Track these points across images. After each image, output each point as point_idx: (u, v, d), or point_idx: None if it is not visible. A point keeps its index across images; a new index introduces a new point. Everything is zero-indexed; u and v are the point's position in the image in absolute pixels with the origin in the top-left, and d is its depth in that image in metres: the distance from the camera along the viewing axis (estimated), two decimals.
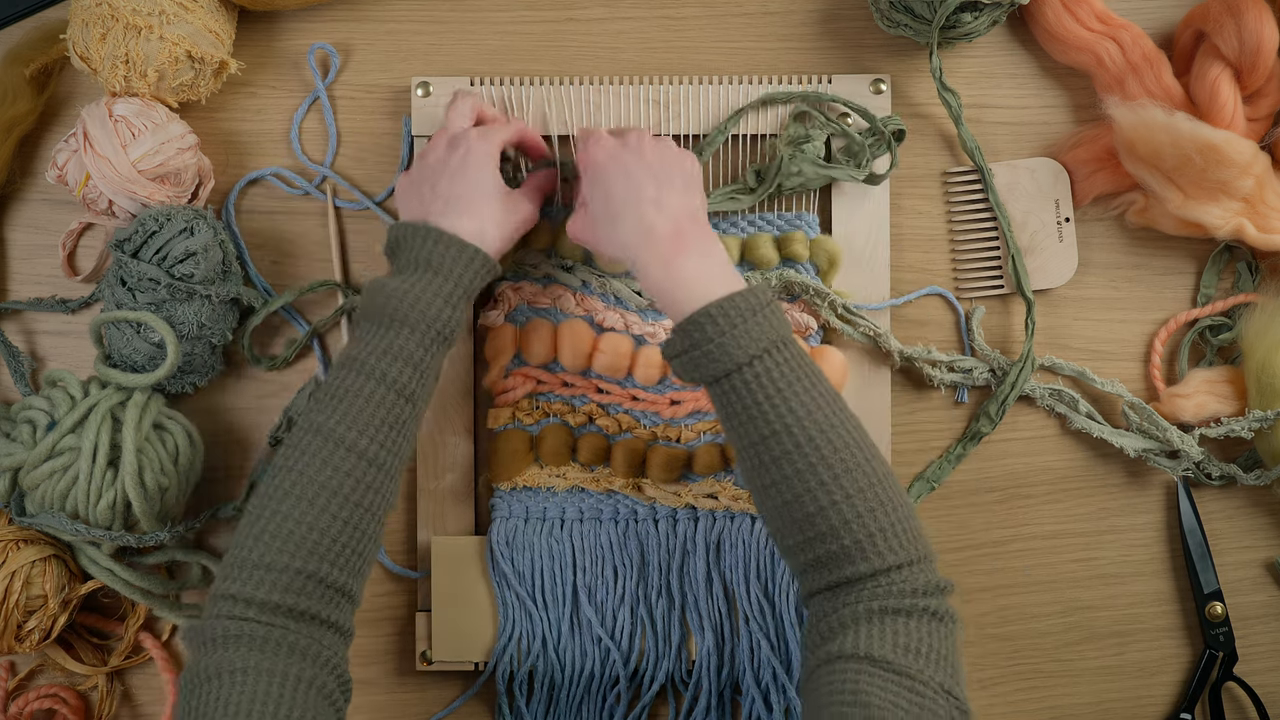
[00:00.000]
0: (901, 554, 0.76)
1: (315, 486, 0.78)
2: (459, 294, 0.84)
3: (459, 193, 0.86)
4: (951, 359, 0.99)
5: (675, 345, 0.81)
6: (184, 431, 0.94)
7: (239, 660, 0.73)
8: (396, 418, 0.81)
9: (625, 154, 0.86)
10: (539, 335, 0.97)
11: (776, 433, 0.78)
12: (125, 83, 0.92)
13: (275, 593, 0.76)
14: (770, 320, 0.80)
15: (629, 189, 0.84)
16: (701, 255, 0.83)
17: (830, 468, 0.77)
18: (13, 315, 1.00)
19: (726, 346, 0.78)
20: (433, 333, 0.82)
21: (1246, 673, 1.00)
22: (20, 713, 0.97)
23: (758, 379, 0.78)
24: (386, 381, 0.81)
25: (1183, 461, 0.99)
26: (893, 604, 0.74)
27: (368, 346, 0.81)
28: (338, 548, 0.78)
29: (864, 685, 0.71)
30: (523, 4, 1.00)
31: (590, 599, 0.97)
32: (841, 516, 0.76)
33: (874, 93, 0.98)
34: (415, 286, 0.82)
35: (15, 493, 0.92)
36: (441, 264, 0.83)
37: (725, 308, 0.79)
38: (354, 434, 0.79)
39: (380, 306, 0.82)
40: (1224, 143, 0.92)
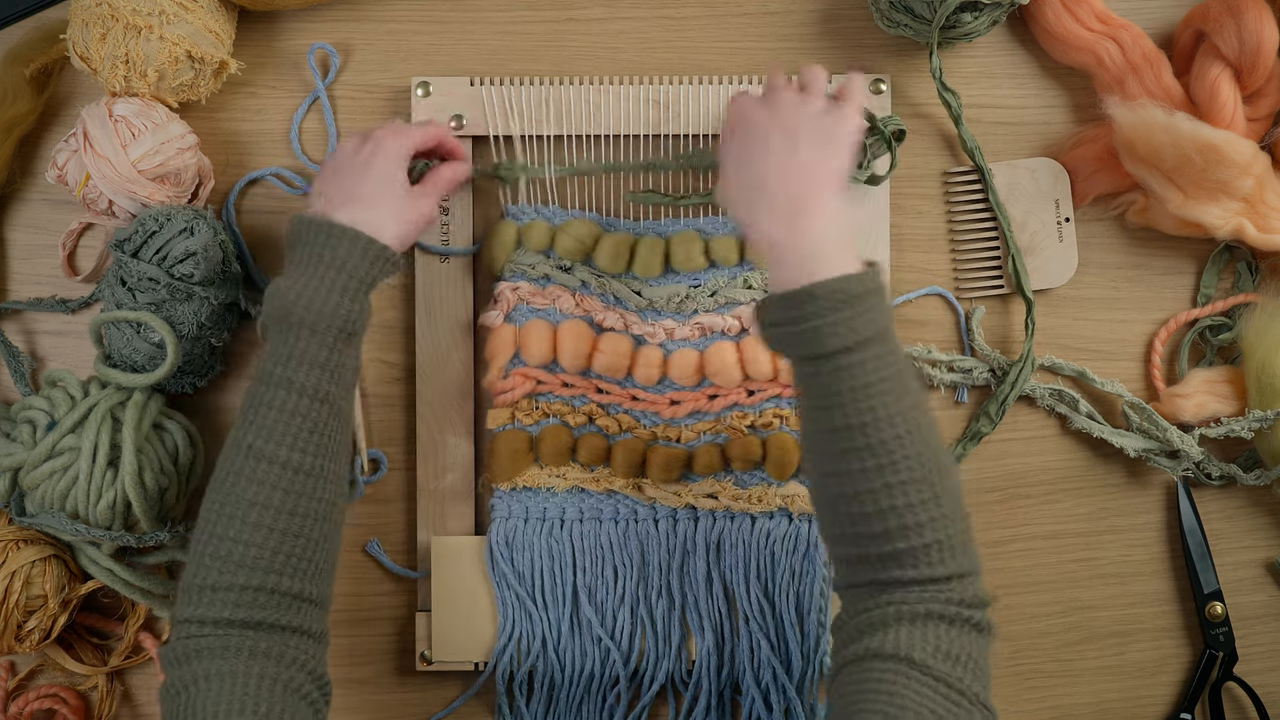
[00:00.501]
0: (954, 566, 0.74)
1: (244, 504, 0.78)
2: (354, 286, 0.82)
3: (360, 186, 0.86)
4: (951, 359, 0.99)
5: (771, 313, 0.78)
6: (184, 431, 0.94)
7: (202, 669, 0.74)
8: (315, 422, 0.80)
9: (761, 110, 0.83)
10: (538, 335, 0.97)
11: (853, 427, 0.75)
12: (125, 83, 0.92)
13: (226, 610, 0.76)
14: (874, 311, 0.76)
15: (758, 146, 0.82)
16: (822, 223, 0.78)
17: (899, 473, 0.74)
18: (13, 315, 1.00)
19: (829, 329, 0.75)
20: (334, 330, 0.81)
21: (1246, 673, 1.00)
22: (20, 713, 0.97)
23: (849, 369, 0.75)
24: (295, 388, 0.80)
25: (1183, 461, 0.99)
26: (938, 610, 0.73)
27: (273, 355, 0.81)
28: (282, 558, 0.78)
29: (901, 687, 0.70)
30: (523, 4, 1.00)
31: (590, 599, 0.97)
32: (901, 522, 0.74)
33: (874, 93, 0.98)
34: (310, 284, 0.81)
35: (15, 493, 0.92)
36: (334, 257, 0.82)
37: (837, 288, 0.75)
38: (273, 446, 0.79)
39: (279, 311, 0.81)
40: (1224, 143, 0.92)
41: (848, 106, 0.84)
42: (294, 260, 0.83)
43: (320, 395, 0.80)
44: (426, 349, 0.98)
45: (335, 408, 0.81)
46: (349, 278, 0.82)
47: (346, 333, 0.81)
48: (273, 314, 0.81)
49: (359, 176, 0.86)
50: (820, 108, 0.83)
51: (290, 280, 0.81)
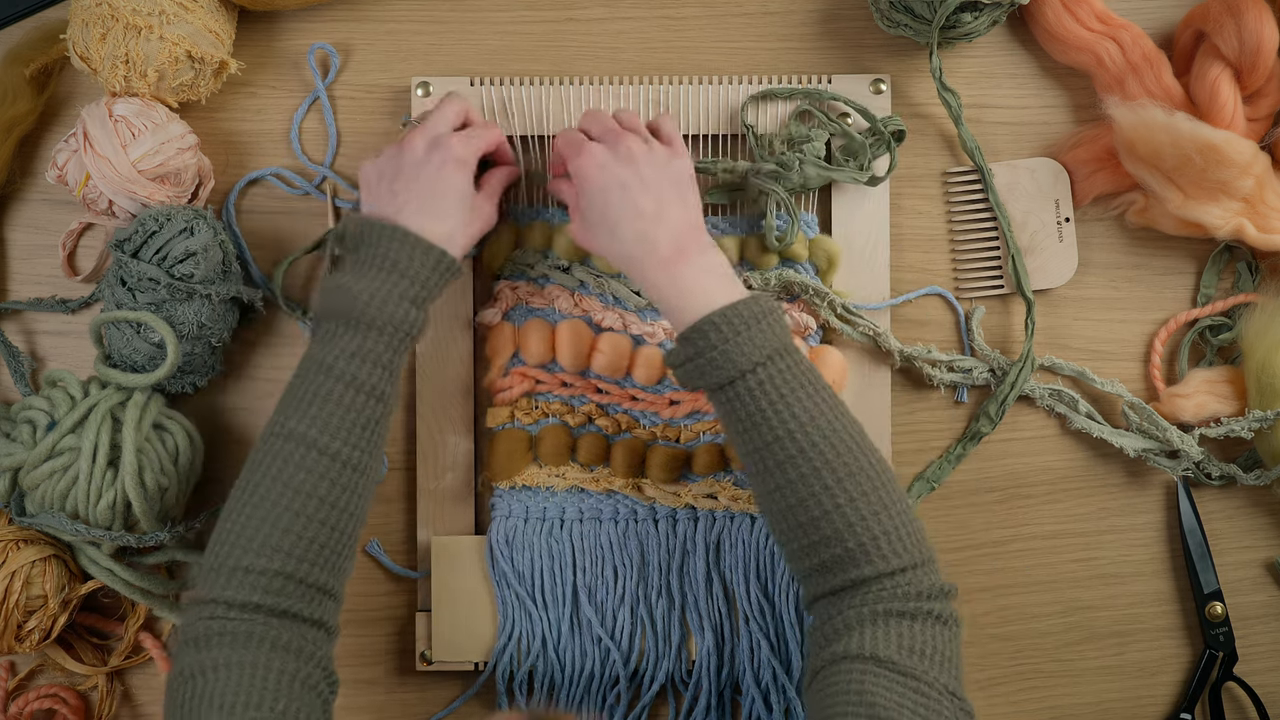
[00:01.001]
0: (906, 557, 0.76)
1: (290, 491, 0.78)
2: (424, 296, 0.84)
3: (433, 196, 0.86)
4: (951, 359, 0.99)
5: (678, 354, 0.82)
6: (184, 431, 0.94)
7: (221, 657, 0.74)
8: (369, 419, 0.81)
9: (617, 166, 0.85)
10: (537, 335, 0.97)
11: (780, 438, 0.78)
12: (125, 83, 0.92)
13: (254, 594, 0.76)
14: (772, 328, 0.80)
15: (625, 204, 0.84)
16: (703, 265, 0.83)
17: (834, 472, 0.77)
18: (13, 315, 1.00)
19: (729, 354, 0.79)
20: (400, 334, 0.82)
21: (1246, 673, 1.00)
22: (20, 713, 0.97)
23: (760, 386, 0.79)
24: (356, 384, 0.81)
25: (1183, 461, 0.99)
26: (897, 606, 0.75)
27: (334, 349, 0.81)
28: (315, 548, 0.78)
29: (869, 685, 0.71)
30: (523, 4, 1.00)
31: (590, 599, 0.97)
32: (846, 520, 0.77)
33: (874, 93, 0.98)
34: (382, 288, 0.82)
35: (15, 493, 0.92)
36: (409, 266, 0.83)
37: (728, 316, 0.80)
38: (326, 437, 0.79)
39: (344, 308, 0.82)
40: (1224, 143, 0.92)
41: (677, 146, 0.88)
42: (362, 260, 0.83)
43: (377, 394, 0.81)
44: (426, 348, 0.98)
45: (387, 408, 0.83)
46: (420, 287, 0.83)
47: (409, 338, 0.83)
48: (336, 309, 0.82)
49: (431, 186, 0.86)
50: (666, 154, 0.87)
51: (359, 281, 0.82)
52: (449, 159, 0.87)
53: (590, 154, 0.86)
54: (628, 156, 0.86)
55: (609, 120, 0.89)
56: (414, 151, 0.87)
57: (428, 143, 0.88)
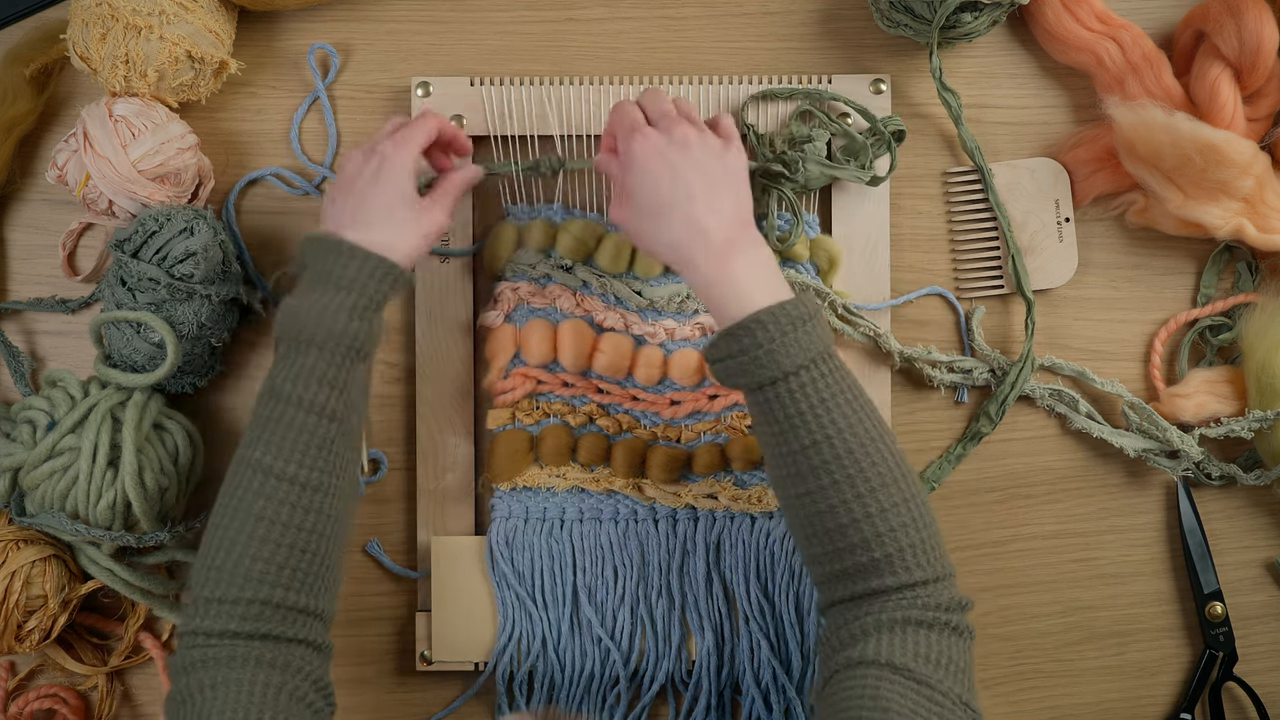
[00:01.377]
0: (929, 570, 0.76)
1: (253, 520, 0.78)
2: (364, 306, 0.82)
3: (368, 203, 0.85)
4: (951, 359, 0.99)
5: (720, 349, 0.80)
6: (184, 431, 0.94)
7: (207, 679, 0.75)
8: (323, 439, 0.80)
9: (671, 151, 0.83)
10: (539, 335, 0.97)
11: (817, 443, 0.78)
12: (125, 83, 0.92)
13: (232, 623, 0.77)
14: (818, 330, 0.79)
15: (677, 189, 0.82)
16: (753, 259, 0.82)
17: (867, 481, 0.77)
18: (13, 315, 1.00)
19: (775, 355, 0.78)
20: (342, 349, 0.81)
21: (1246, 673, 1.00)
22: (20, 713, 0.97)
23: (802, 389, 0.78)
24: (304, 405, 0.80)
25: (1183, 461, 0.99)
26: (915, 615, 0.75)
27: (282, 372, 0.81)
28: (287, 573, 0.78)
29: (884, 691, 0.71)
30: (523, 4, 1.00)
31: (590, 599, 0.97)
32: (874, 530, 0.76)
33: (874, 93, 0.98)
34: (318, 303, 0.81)
35: (15, 493, 0.92)
36: (343, 276, 0.82)
37: (776, 315, 0.78)
38: (281, 463, 0.79)
39: (289, 328, 0.81)
40: (1224, 143, 0.92)
41: (735, 143, 0.87)
42: (306, 279, 0.83)
43: (328, 413, 0.80)
44: (427, 349, 0.98)
45: (343, 425, 0.81)
46: (359, 297, 0.82)
47: (356, 351, 0.81)
48: (284, 332, 0.81)
49: (367, 194, 0.85)
50: (720, 146, 0.85)
51: (301, 299, 0.82)
52: (383, 165, 0.86)
53: (645, 136, 0.84)
54: (683, 142, 0.84)
55: (667, 103, 0.87)
56: (352, 164, 0.87)
57: (363, 153, 0.87)
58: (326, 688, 0.79)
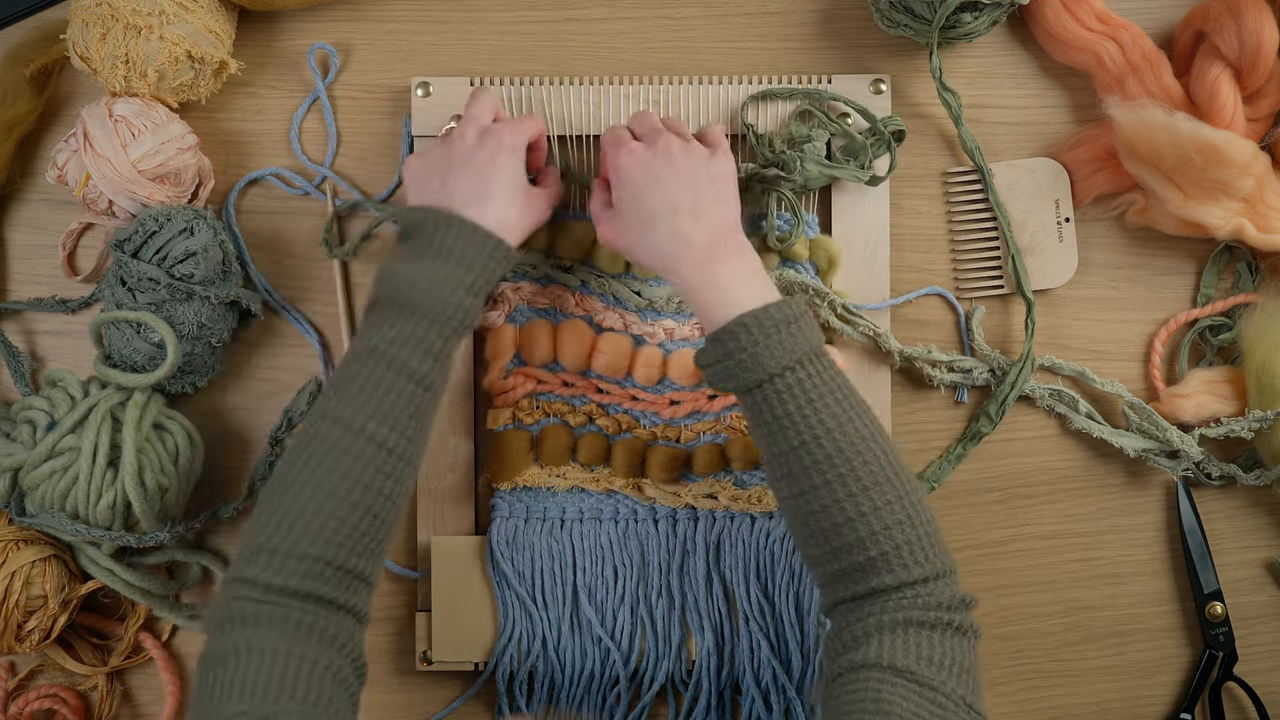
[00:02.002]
0: (928, 567, 0.76)
1: (336, 475, 0.77)
2: (480, 284, 0.83)
3: (486, 184, 0.86)
4: (951, 359, 0.99)
5: (709, 354, 0.81)
6: (184, 431, 0.94)
7: (255, 640, 0.73)
8: (417, 407, 0.80)
9: (655, 162, 0.85)
10: (539, 335, 0.97)
11: (807, 443, 0.78)
12: (125, 83, 0.92)
13: (294, 579, 0.75)
14: (804, 332, 0.80)
15: (662, 199, 0.84)
16: (737, 265, 0.83)
17: (860, 479, 0.77)
18: (13, 315, 1.00)
19: (760, 357, 0.79)
20: (454, 322, 0.82)
21: (1246, 673, 1.00)
22: (20, 713, 0.97)
23: (790, 390, 0.79)
24: (406, 371, 0.80)
25: (1183, 461, 0.99)
26: (917, 616, 0.75)
27: (386, 335, 0.81)
28: (357, 535, 0.77)
29: (887, 694, 0.71)
30: (523, 4, 1.00)
31: (590, 599, 0.97)
32: (870, 528, 0.76)
33: (874, 93, 0.98)
34: (438, 275, 0.81)
35: (15, 493, 0.92)
36: (465, 253, 0.82)
37: (760, 318, 0.79)
38: (374, 424, 0.79)
39: (400, 294, 0.81)
40: (1224, 143, 0.92)
41: (722, 150, 0.88)
42: (416, 248, 0.83)
43: (426, 382, 0.81)
44: None
45: (435, 396, 0.82)
46: (476, 275, 0.83)
47: (463, 326, 0.82)
48: (391, 295, 0.81)
49: (486, 174, 0.86)
50: (706, 154, 0.87)
51: (415, 268, 0.82)
52: (501, 147, 0.87)
53: (629, 150, 0.86)
54: (665, 153, 0.86)
55: (654, 120, 0.89)
56: (464, 141, 0.87)
57: (477, 132, 0.88)
58: (360, 660, 0.78)
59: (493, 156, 0.86)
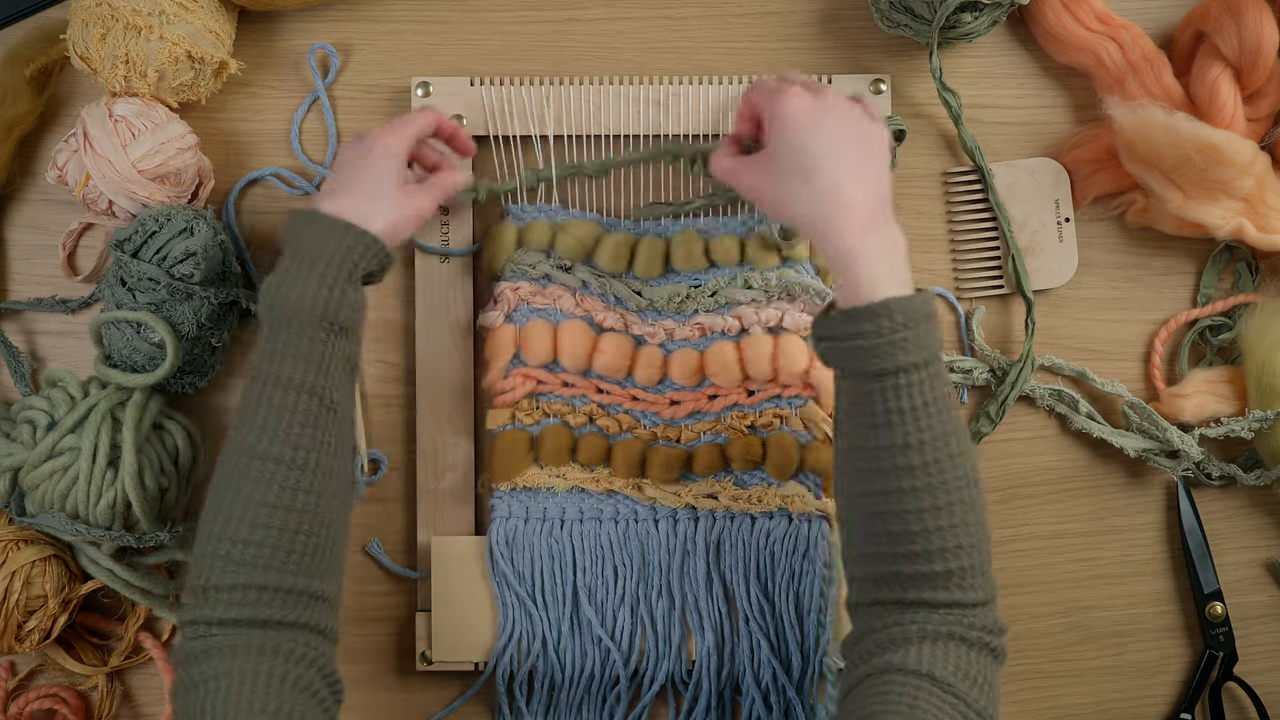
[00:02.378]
0: (981, 593, 0.76)
1: (242, 503, 0.77)
2: (335, 276, 0.80)
3: (352, 179, 0.85)
4: (951, 359, 0.99)
5: (836, 328, 0.77)
6: (184, 431, 0.94)
7: (210, 669, 0.74)
8: (305, 417, 0.79)
9: (822, 112, 0.80)
10: (539, 335, 0.97)
11: (910, 445, 0.75)
12: (125, 83, 0.92)
13: (232, 610, 0.76)
14: (934, 333, 0.77)
15: (827, 149, 0.78)
16: (891, 240, 0.78)
17: (948, 494, 0.75)
18: (13, 315, 1.00)
19: (895, 348, 0.75)
20: (314, 320, 0.79)
21: (1246, 673, 1.00)
22: (20, 713, 0.97)
23: (909, 388, 0.76)
24: (283, 383, 0.79)
25: (1183, 461, 0.99)
26: (960, 632, 0.74)
27: (260, 351, 0.80)
28: (282, 555, 0.77)
29: (921, 702, 0.71)
30: (523, 4, 1.00)
31: (590, 599, 0.97)
32: (944, 543, 0.75)
33: (874, 93, 0.98)
34: (289, 278, 0.80)
35: (15, 493, 0.92)
36: (312, 246, 0.81)
37: (905, 307, 0.75)
38: (265, 443, 0.78)
39: (265, 307, 0.81)
40: (1224, 143, 0.92)
41: (880, 121, 0.82)
42: (284, 257, 0.82)
43: (309, 389, 0.79)
44: (426, 349, 0.98)
45: (327, 401, 0.80)
46: (326, 266, 0.80)
47: (330, 324, 0.80)
48: (261, 311, 0.81)
49: (352, 170, 0.86)
50: (866, 117, 0.81)
51: (275, 275, 0.81)
52: (374, 144, 0.87)
53: (795, 93, 0.80)
54: (832, 105, 0.80)
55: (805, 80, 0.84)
56: (346, 147, 0.89)
57: (356, 138, 0.89)
58: (333, 677, 0.77)
59: (364, 153, 0.86)
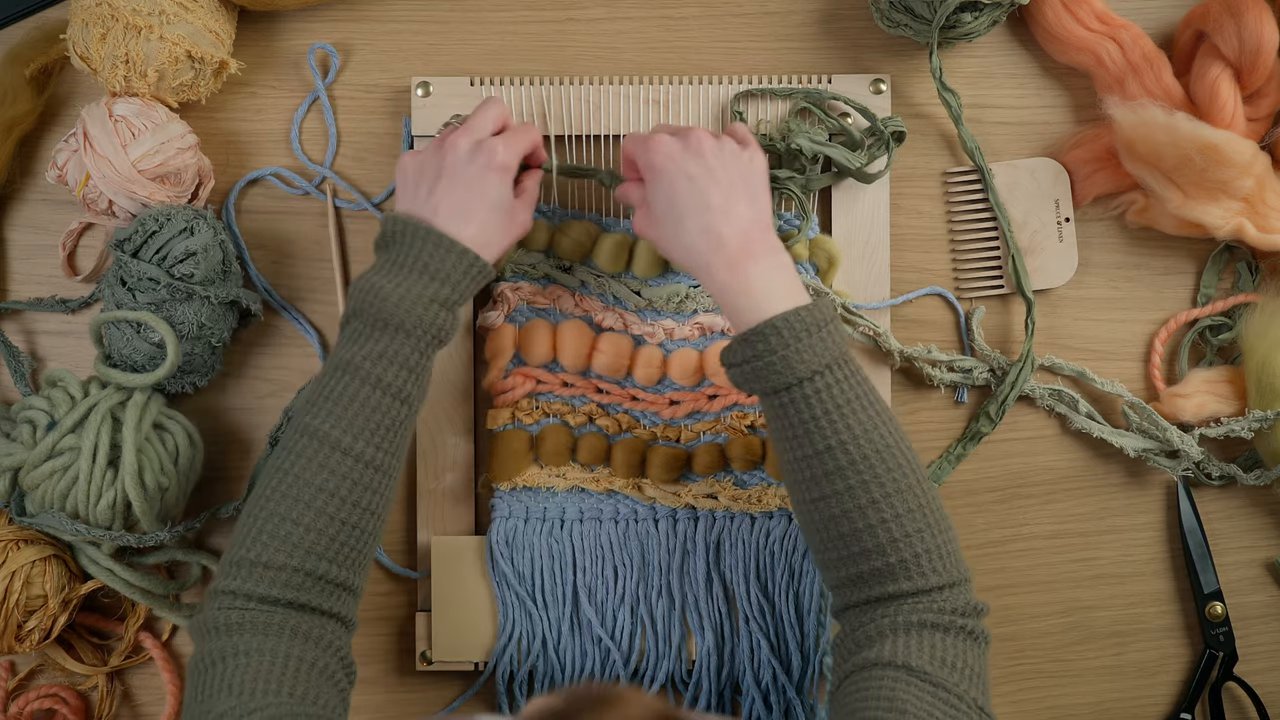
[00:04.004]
0: (945, 575, 0.77)
1: (312, 489, 0.79)
2: (455, 299, 0.83)
3: (471, 200, 0.85)
4: (951, 359, 0.99)
5: (737, 354, 0.81)
6: (184, 431, 0.94)
7: (241, 644, 0.75)
8: (393, 421, 0.81)
9: (687, 158, 0.84)
10: (538, 335, 0.97)
11: (832, 448, 0.78)
12: (125, 83, 0.92)
13: (275, 589, 0.77)
14: (833, 336, 0.80)
15: (693, 195, 0.83)
16: (769, 265, 0.82)
17: (883, 486, 0.77)
18: (13, 315, 1.00)
19: (790, 360, 0.78)
20: (428, 337, 0.82)
21: (1246, 673, 1.00)
22: (20, 713, 0.97)
23: (818, 394, 0.78)
24: (382, 386, 0.81)
25: (1182, 461, 0.99)
26: (931, 619, 0.75)
27: (362, 350, 0.81)
28: (335, 546, 0.79)
29: (900, 693, 0.71)
30: (523, 4, 1.00)
31: (590, 599, 0.97)
32: (890, 535, 0.77)
33: (874, 93, 0.98)
34: (412, 290, 0.82)
35: (15, 493, 0.92)
36: (440, 269, 0.82)
37: (791, 320, 0.79)
38: (349, 438, 0.80)
39: (374, 308, 0.81)
40: (1224, 143, 0.92)
41: (752, 146, 0.87)
42: (393, 260, 0.83)
43: (402, 396, 0.81)
44: None
45: (412, 409, 0.82)
46: (451, 290, 0.83)
47: (438, 341, 0.83)
48: (365, 310, 0.82)
49: (472, 191, 0.85)
50: (738, 149, 0.86)
51: (390, 281, 0.82)
52: (492, 164, 0.85)
53: (660, 144, 0.85)
54: (697, 148, 0.84)
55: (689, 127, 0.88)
56: (457, 152, 0.86)
57: (471, 145, 0.86)
58: (349, 662, 0.80)
59: (482, 172, 0.85)
